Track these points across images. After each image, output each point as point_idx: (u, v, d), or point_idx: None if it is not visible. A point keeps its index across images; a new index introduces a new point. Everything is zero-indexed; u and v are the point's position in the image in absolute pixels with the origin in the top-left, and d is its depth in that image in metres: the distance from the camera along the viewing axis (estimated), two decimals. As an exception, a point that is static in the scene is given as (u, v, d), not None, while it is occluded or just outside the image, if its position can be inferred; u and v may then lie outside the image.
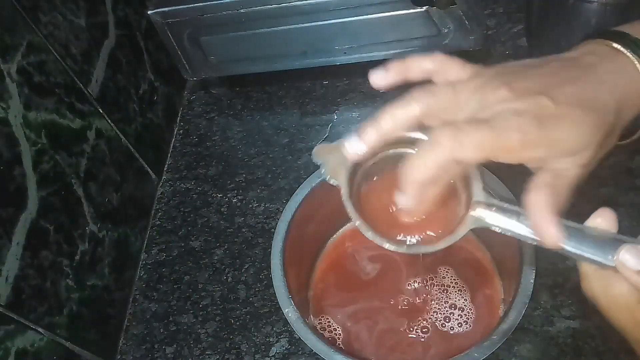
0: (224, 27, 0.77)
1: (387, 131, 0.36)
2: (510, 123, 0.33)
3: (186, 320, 0.70)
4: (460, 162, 0.34)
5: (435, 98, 0.36)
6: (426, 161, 0.34)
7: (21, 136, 0.56)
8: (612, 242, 0.33)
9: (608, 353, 0.58)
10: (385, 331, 0.62)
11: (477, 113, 0.35)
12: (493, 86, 0.35)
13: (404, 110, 0.36)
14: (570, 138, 0.34)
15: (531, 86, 0.35)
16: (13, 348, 0.53)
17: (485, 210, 0.37)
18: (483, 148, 0.33)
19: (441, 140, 0.33)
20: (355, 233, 0.69)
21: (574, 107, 0.34)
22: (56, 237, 0.60)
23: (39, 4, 0.61)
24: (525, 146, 0.33)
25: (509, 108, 0.34)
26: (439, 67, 0.38)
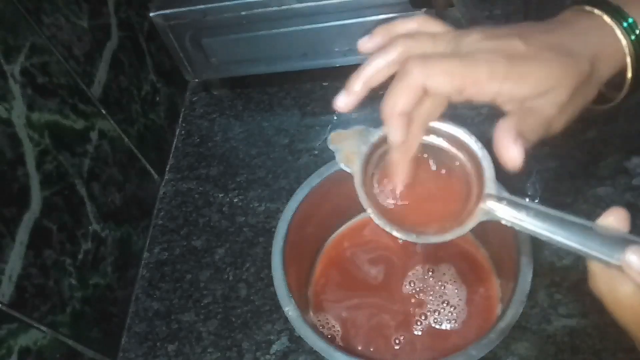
0: (226, 29, 0.77)
1: (371, 79, 0.38)
2: (480, 56, 0.34)
3: (188, 318, 0.70)
4: (430, 91, 0.35)
5: (415, 42, 0.37)
6: (398, 90, 0.35)
7: (24, 137, 0.57)
8: (620, 241, 0.32)
9: (605, 351, 0.58)
10: (384, 329, 0.62)
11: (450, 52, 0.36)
12: (467, 32, 0.37)
13: (384, 56, 0.37)
14: (540, 74, 0.35)
15: (504, 31, 0.36)
16: (16, 346, 0.53)
17: (496, 204, 0.37)
18: (452, 77, 0.34)
19: (410, 68, 0.34)
20: (354, 232, 0.70)
21: (545, 50, 0.35)
22: (59, 236, 0.60)
23: (42, 6, 0.62)
24: (493, 77, 0.34)
25: (481, 46, 0.35)
26: (421, 26, 0.39)
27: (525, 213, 0.36)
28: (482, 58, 0.34)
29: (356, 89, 0.38)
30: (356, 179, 0.40)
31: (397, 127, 0.37)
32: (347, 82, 0.38)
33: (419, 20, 0.40)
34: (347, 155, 0.41)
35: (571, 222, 0.34)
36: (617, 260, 0.32)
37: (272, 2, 0.73)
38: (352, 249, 0.69)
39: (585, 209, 0.67)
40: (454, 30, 0.39)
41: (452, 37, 0.37)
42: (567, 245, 0.34)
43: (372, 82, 0.38)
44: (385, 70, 0.37)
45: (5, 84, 0.55)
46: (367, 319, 0.63)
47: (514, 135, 0.35)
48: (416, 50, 0.37)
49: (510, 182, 0.57)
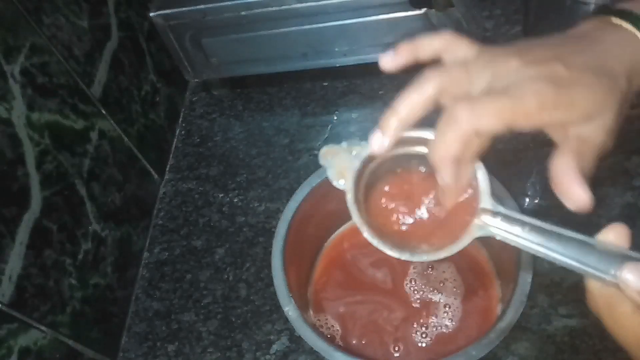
0: (226, 29, 0.77)
1: (407, 117, 0.36)
2: (526, 88, 0.33)
3: (188, 318, 0.70)
4: (481, 133, 0.33)
5: (448, 75, 0.36)
6: (447, 138, 0.34)
7: (24, 137, 0.57)
8: (618, 258, 0.32)
9: (605, 351, 0.58)
10: (384, 328, 0.62)
11: (492, 85, 0.35)
12: (503, 58, 0.35)
13: (420, 92, 0.36)
14: (587, 99, 0.34)
15: (541, 55, 0.35)
16: (16, 346, 0.53)
17: (491, 219, 0.36)
18: (501, 115, 0.33)
19: (457, 114, 0.33)
20: (354, 232, 0.69)
21: (586, 72, 0.34)
22: (59, 236, 0.60)
23: (42, 6, 0.62)
24: (543, 109, 0.33)
25: (523, 75, 0.34)
26: (448, 46, 0.38)
27: (521, 228, 0.35)
28: (528, 91, 0.33)
29: (392, 130, 0.37)
30: (348, 197, 0.39)
31: (449, 172, 0.35)
32: (381, 122, 0.37)
33: (444, 38, 0.38)
34: (339, 171, 0.40)
35: (568, 238, 0.33)
36: (614, 278, 0.31)
37: (272, 2, 0.73)
38: (352, 249, 0.69)
39: (586, 209, 0.67)
40: (484, 51, 0.37)
41: (485, 63, 0.36)
42: (564, 263, 0.33)
43: (408, 121, 0.36)
44: (420, 109, 0.36)
45: (5, 84, 0.55)
46: (368, 319, 0.63)
47: (577, 173, 0.33)
48: (452, 85, 0.36)
49: (510, 182, 0.57)
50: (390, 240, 0.39)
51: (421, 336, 0.61)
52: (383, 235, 0.39)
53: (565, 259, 0.33)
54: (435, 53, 0.39)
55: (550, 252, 0.34)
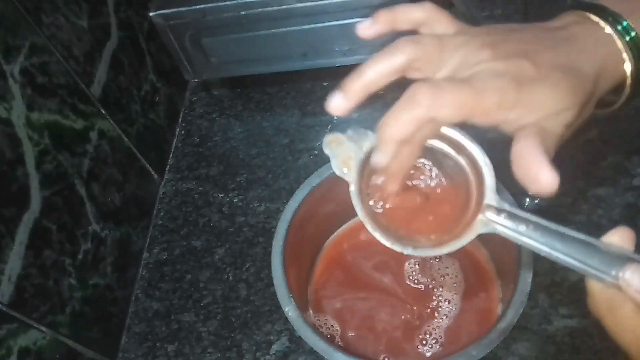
0: (226, 29, 0.77)
1: (371, 82, 0.36)
2: (489, 83, 0.33)
3: (188, 318, 0.70)
4: (437, 121, 0.34)
5: (421, 48, 0.35)
6: (402, 118, 0.33)
7: (24, 136, 0.57)
8: (621, 259, 0.31)
9: (605, 351, 0.58)
10: (384, 328, 0.62)
11: (458, 70, 0.35)
12: (477, 45, 0.35)
13: (390, 59, 0.35)
14: (549, 99, 0.34)
15: (513, 48, 0.35)
16: (16, 347, 0.53)
17: (495, 215, 0.36)
18: (460, 107, 0.33)
19: (419, 97, 0.33)
20: (354, 232, 0.69)
21: (554, 70, 0.34)
22: (59, 236, 0.60)
23: (42, 6, 0.62)
24: (501, 107, 0.33)
25: (489, 68, 0.34)
26: (428, 18, 0.38)
27: (525, 226, 0.35)
28: (491, 87, 0.33)
29: (354, 92, 0.36)
30: (352, 187, 0.38)
31: (389, 152, 0.35)
32: (343, 83, 0.36)
33: (425, 9, 0.38)
34: (344, 160, 0.39)
35: (572, 238, 0.33)
36: (616, 279, 0.31)
37: (272, 2, 0.73)
38: (352, 249, 0.68)
39: (586, 209, 0.67)
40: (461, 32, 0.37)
41: (459, 44, 0.36)
42: (567, 262, 0.33)
43: (372, 87, 0.36)
44: (387, 76, 0.36)
45: (5, 83, 0.55)
46: (368, 318, 0.63)
47: (543, 155, 0.33)
48: (423, 58, 0.35)
49: (510, 182, 0.57)
50: (393, 233, 0.38)
51: (421, 336, 0.61)
52: (385, 228, 0.38)
53: (567, 258, 0.33)
54: (414, 24, 0.38)
55: (553, 251, 0.34)
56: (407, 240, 0.38)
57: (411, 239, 0.39)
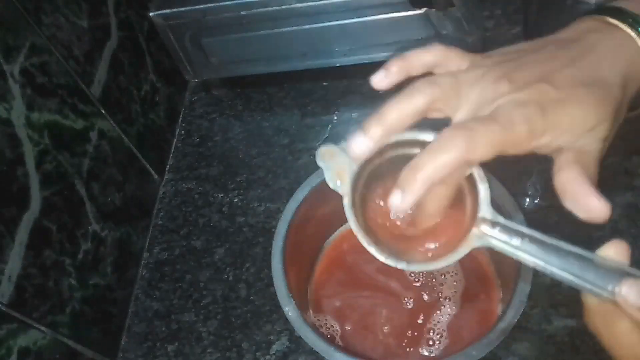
0: (225, 29, 0.77)
1: (392, 126, 0.35)
2: (515, 116, 0.33)
3: (188, 318, 0.70)
4: (470, 162, 0.33)
5: (438, 88, 0.35)
6: (438, 160, 0.33)
7: (24, 136, 0.57)
8: (617, 274, 0.31)
9: (605, 351, 0.58)
10: (384, 328, 0.62)
11: (479, 107, 0.35)
12: (493, 78, 0.35)
13: (409, 102, 0.35)
14: (578, 117, 0.33)
15: (530, 74, 0.35)
16: (15, 347, 0.53)
17: (489, 229, 0.35)
18: (493, 145, 0.32)
19: (455, 140, 0.32)
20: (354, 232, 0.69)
21: (576, 88, 0.34)
22: (59, 236, 0.60)
23: (42, 6, 0.61)
24: (532, 136, 0.33)
25: (511, 100, 0.34)
26: (439, 59, 0.38)
27: (520, 239, 0.34)
28: (518, 119, 0.33)
29: (375, 134, 0.35)
30: (345, 201, 0.38)
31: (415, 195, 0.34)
32: (364, 124, 0.36)
33: (435, 52, 0.38)
34: (337, 172, 0.38)
35: (567, 252, 0.33)
36: (612, 295, 0.31)
37: (272, 2, 0.73)
38: (352, 249, 0.68)
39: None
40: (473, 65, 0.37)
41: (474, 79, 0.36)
42: (562, 277, 0.33)
43: (392, 130, 0.36)
44: (408, 118, 0.35)
45: (5, 83, 0.55)
46: (368, 318, 0.63)
47: (588, 184, 0.33)
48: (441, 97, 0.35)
49: (510, 182, 0.57)
50: (387, 246, 0.38)
51: (422, 335, 0.61)
52: (379, 241, 0.38)
53: (563, 273, 0.33)
54: (427, 67, 0.38)
55: (548, 265, 0.33)
56: (401, 254, 0.38)
57: (405, 252, 0.38)
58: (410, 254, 0.39)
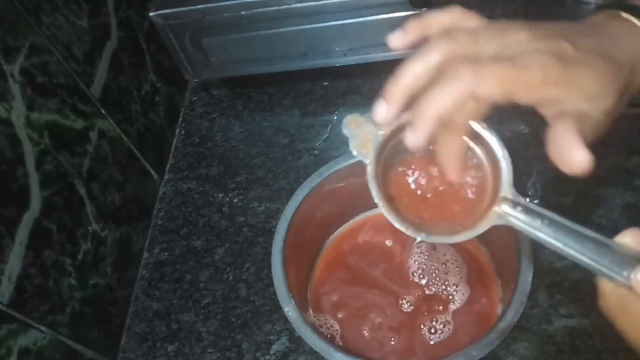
0: (225, 29, 0.77)
1: (410, 88, 0.35)
2: (533, 59, 0.33)
3: (188, 318, 0.70)
4: (479, 97, 0.33)
5: (455, 43, 0.35)
6: (444, 94, 0.33)
7: (24, 136, 0.57)
8: (633, 260, 0.32)
9: (605, 351, 0.58)
10: (384, 328, 0.62)
11: (498, 54, 0.35)
12: (513, 29, 0.35)
13: (425, 60, 0.35)
14: (590, 80, 0.34)
15: (551, 32, 0.35)
16: (16, 347, 0.53)
17: (510, 209, 0.36)
18: (504, 83, 0.33)
19: (461, 73, 0.33)
20: (354, 232, 0.70)
21: (592, 54, 0.34)
22: (59, 236, 0.60)
23: (42, 6, 0.62)
24: (546, 82, 0.33)
25: (531, 46, 0.34)
26: (457, 21, 0.38)
27: (540, 221, 0.35)
28: (534, 62, 0.33)
29: (395, 97, 0.36)
30: (369, 169, 0.38)
31: (425, 131, 0.34)
32: (384, 91, 0.36)
33: (453, 13, 0.38)
34: (362, 142, 0.38)
35: (586, 236, 0.33)
36: (627, 280, 0.31)
37: (272, 2, 0.73)
38: (352, 249, 0.69)
39: (586, 209, 0.67)
40: (493, 24, 0.37)
41: (494, 33, 0.35)
42: (579, 259, 0.33)
43: (412, 89, 0.35)
44: (425, 75, 0.35)
45: (5, 83, 0.55)
46: (368, 318, 0.63)
47: (577, 136, 0.33)
48: (459, 51, 0.35)
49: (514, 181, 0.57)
50: (407, 218, 0.38)
51: (421, 335, 0.61)
52: (399, 212, 0.38)
53: (580, 256, 0.33)
54: (444, 28, 0.38)
55: (566, 247, 0.34)
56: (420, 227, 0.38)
57: (424, 227, 0.39)
58: (429, 228, 0.39)
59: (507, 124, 0.74)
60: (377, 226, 0.69)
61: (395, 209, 0.38)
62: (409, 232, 0.37)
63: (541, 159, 0.69)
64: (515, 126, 0.74)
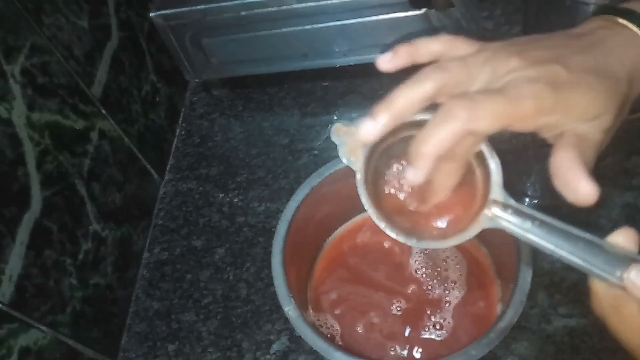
0: (226, 30, 0.78)
1: (400, 112, 0.35)
2: (525, 90, 0.33)
3: (188, 318, 0.70)
4: (475, 134, 0.33)
5: (447, 73, 0.35)
6: (439, 133, 0.33)
7: (25, 137, 0.57)
8: (625, 260, 0.32)
9: (605, 351, 0.59)
10: (384, 328, 0.62)
11: (489, 84, 0.35)
12: (504, 56, 0.35)
13: (417, 89, 0.35)
14: (586, 102, 0.33)
15: (542, 55, 0.35)
16: (16, 346, 0.53)
17: (501, 211, 0.36)
18: (498, 117, 0.32)
19: (455, 111, 0.32)
20: (354, 232, 0.70)
21: (587, 74, 0.34)
22: (59, 236, 0.60)
23: (42, 6, 0.62)
24: (540, 112, 0.33)
25: (522, 76, 0.33)
26: (447, 48, 0.38)
27: (531, 223, 0.35)
28: (526, 93, 0.33)
29: (383, 120, 0.36)
30: (358, 176, 0.38)
31: (425, 169, 0.34)
32: (373, 110, 0.36)
33: (443, 41, 0.38)
34: (351, 149, 0.38)
35: (577, 237, 0.33)
36: (620, 280, 0.31)
37: (272, 2, 0.73)
38: (352, 249, 0.69)
39: (585, 209, 0.66)
40: (482, 49, 0.37)
41: (484, 60, 0.35)
42: (571, 261, 0.33)
43: (401, 115, 0.36)
44: (417, 104, 0.35)
45: (6, 84, 0.55)
46: (368, 317, 0.63)
47: (580, 166, 0.33)
48: (451, 81, 0.35)
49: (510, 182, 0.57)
50: (398, 224, 0.38)
51: (421, 334, 0.61)
52: (390, 219, 0.38)
53: (572, 257, 0.33)
54: (434, 56, 0.38)
55: (558, 249, 0.34)
56: (412, 232, 0.38)
57: (415, 230, 0.39)
58: (421, 232, 0.39)
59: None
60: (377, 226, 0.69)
61: (386, 214, 0.38)
62: (400, 238, 0.37)
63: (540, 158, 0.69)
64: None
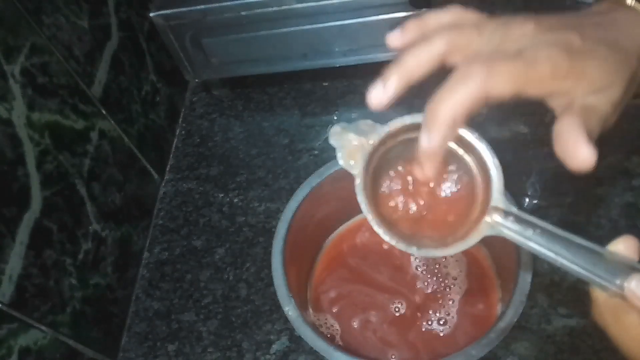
0: (226, 30, 0.78)
1: (411, 73, 0.34)
2: (542, 53, 0.32)
3: (188, 318, 0.70)
4: (491, 96, 0.32)
5: (459, 33, 0.34)
6: (458, 95, 0.32)
7: (25, 137, 0.57)
8: (626, 269, 0.31)
9: (605, 351, 0.59)
10: (384, 328, 0.62)
11: (502, 46, 0.34)
12: (519, 21, 0.34)
13: (428, 48, 0.34)
14: (598, 72, 0.33)
15: (557, 22, 0.34)
16: (16, 346, 0.53)
17: (502, 218, 0.35)
18: (516, 79, 0.32)
19: (473, 72, 0.31)
20: (354, 232, 0.70)
21: (600, 45, 0.34)
22: (59, 236, 0.60)
23: (42, 6, 0.62)
24: (555, 76, 0.32)
25: (538, 39, 0.33)
26: (457, 19, 0.37)
27: (532, 231, 0.34)
28: (542, 56, 0.32)
29: (394, 84, 0.34)
30: (357, 181, 0.37)
31: (441, 134, 0.33)
32: (383, 74, 0.34)
33: (453, 12, 0.37)
34: (350, 152, 0.37)
35: (578, 245, 0.33)
36: (620, 289, 0.31)
37: (272, 2, 0.73)
38: (352, 249, 0.69)
39: (586, 209, 0.67)
40: (495, 18, 0.36)
41: (498, 26, 0.35)
42: (571, 269, 0.33)
43: (413, 77, 0.34)
44: (428, 63, 0.34)
45: (6, 84, 0.55)
46: (368, 317, 0.63)
47: (582, 132, 0.32)
48: (463, 42, 0.34)
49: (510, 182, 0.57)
50: (397, 230, 0.37)
51: (421, 334, 0.61)
52: (389, 224, 0.37)
53: (572, 265, 0.33)
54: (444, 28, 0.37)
55: (559, 257, 0.33)
56: (411, 239, 0.37)
57: (415, 238, 0.38)
58: (421, 239, 0.38)
59: (506, 124, 0.74)
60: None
61: (385, 220, 0.37)
62: (400, 246, 0.36)
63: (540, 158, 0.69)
64: (514, 126, 0.74)
